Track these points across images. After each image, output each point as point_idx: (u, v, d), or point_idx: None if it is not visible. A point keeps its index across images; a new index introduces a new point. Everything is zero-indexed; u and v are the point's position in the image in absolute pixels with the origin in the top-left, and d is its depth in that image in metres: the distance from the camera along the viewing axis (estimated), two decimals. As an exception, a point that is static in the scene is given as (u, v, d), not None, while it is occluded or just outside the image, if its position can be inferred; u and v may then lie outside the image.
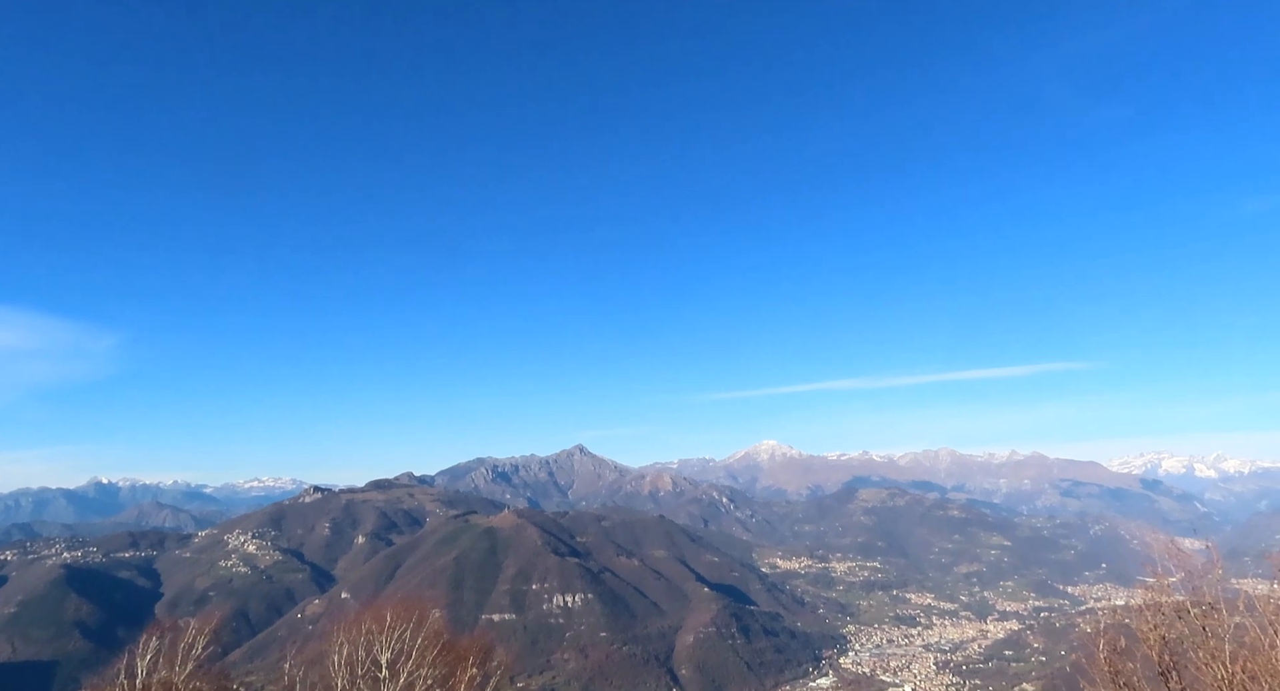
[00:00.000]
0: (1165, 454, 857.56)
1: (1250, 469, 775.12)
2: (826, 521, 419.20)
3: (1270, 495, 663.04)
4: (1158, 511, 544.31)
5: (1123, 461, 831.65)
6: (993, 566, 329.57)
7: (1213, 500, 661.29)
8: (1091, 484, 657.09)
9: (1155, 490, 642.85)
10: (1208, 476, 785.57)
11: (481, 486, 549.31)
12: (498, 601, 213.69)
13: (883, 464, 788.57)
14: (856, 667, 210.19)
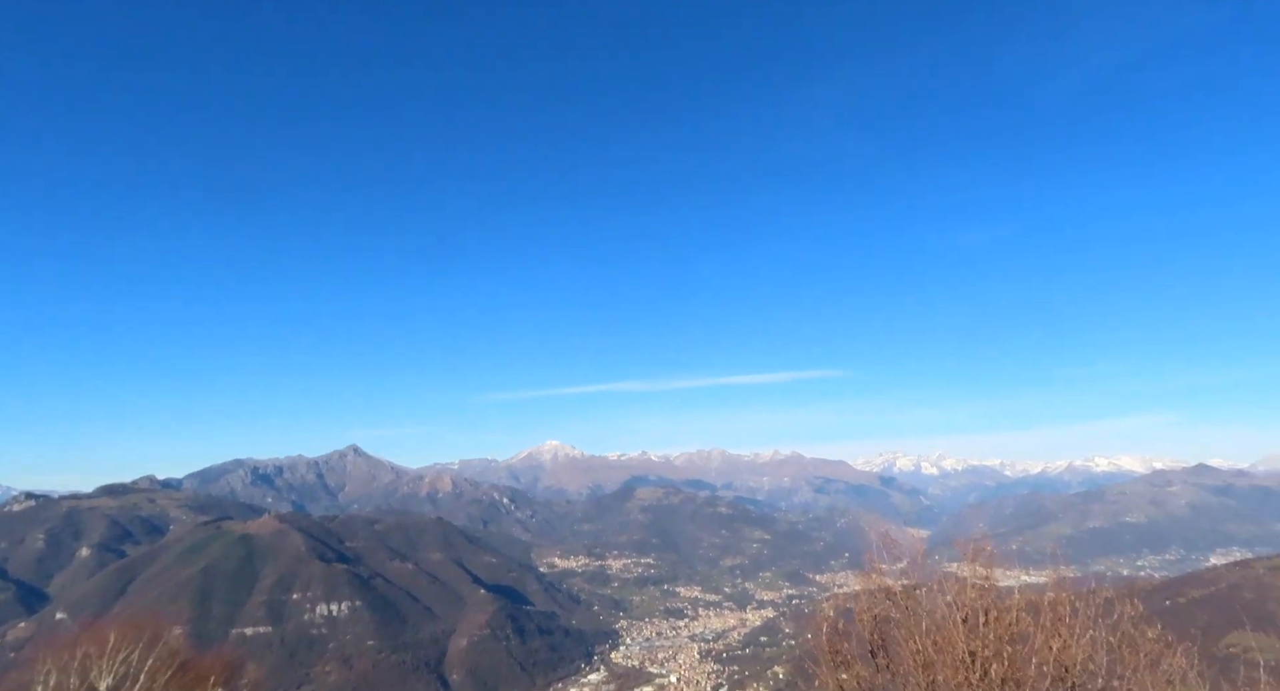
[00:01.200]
0: (899, 454, 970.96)
1: (963, 466, 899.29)
2: (605, 520, 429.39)
3: (978, 489, 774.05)
4: (892, 505, 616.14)
5: (866, 460, 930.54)
6: (754, 559, 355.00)
7: (934, 494, 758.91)
8: (840, 481, 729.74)
9: (890, 486, 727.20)
10: (931, 473, 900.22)
11: (239, 490, 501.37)
12: (252, 614, 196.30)
13: (660, 464, 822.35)
14: (627, 661, 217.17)
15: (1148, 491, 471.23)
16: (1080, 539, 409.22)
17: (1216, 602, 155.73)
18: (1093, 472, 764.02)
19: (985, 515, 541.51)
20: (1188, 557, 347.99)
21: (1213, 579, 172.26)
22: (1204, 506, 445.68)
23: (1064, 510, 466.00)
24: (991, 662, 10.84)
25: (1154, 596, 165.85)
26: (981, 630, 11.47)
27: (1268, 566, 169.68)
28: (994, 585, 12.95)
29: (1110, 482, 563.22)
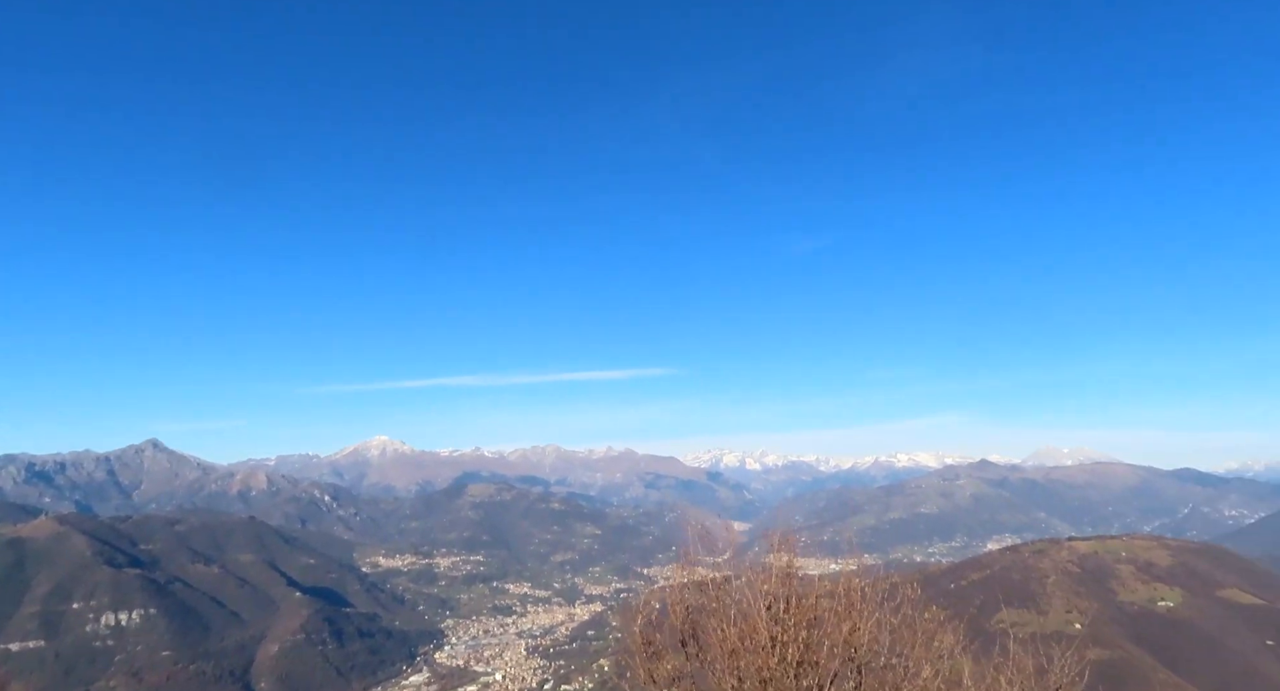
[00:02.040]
0: (726, 450, 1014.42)
1: (784, 462, 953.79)
2: (434, 517, 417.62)
3: (796, 484, 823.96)
4: (718, 499, 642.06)
5: (695, 457, 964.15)
6: (585, 554, 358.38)
7: (756, 489, 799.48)
8: (670, 477, 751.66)
9: (717, 481, 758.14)
10: (754, 469, 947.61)
11: (9, 489, 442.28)
12: (21, 627, 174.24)
13: (494, 460, 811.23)
14: (451, 661, 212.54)
15: (940, 485, 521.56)
16: (882, 529, 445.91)
17: (991, 584, 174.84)
18: (895, 468, 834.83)
19: (801, 508, 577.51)
20: (970, 544, 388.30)
21: (988, 563, 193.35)
22: (984, 498, 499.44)
23: (869, 503, 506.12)
24: (789, 647, 11.67)
25: (941, 580, 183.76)
26: (783, 617, 12.31)
27: (1032, 551, 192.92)
28: (796, 574, 13.90)
29: (909, 477, 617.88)
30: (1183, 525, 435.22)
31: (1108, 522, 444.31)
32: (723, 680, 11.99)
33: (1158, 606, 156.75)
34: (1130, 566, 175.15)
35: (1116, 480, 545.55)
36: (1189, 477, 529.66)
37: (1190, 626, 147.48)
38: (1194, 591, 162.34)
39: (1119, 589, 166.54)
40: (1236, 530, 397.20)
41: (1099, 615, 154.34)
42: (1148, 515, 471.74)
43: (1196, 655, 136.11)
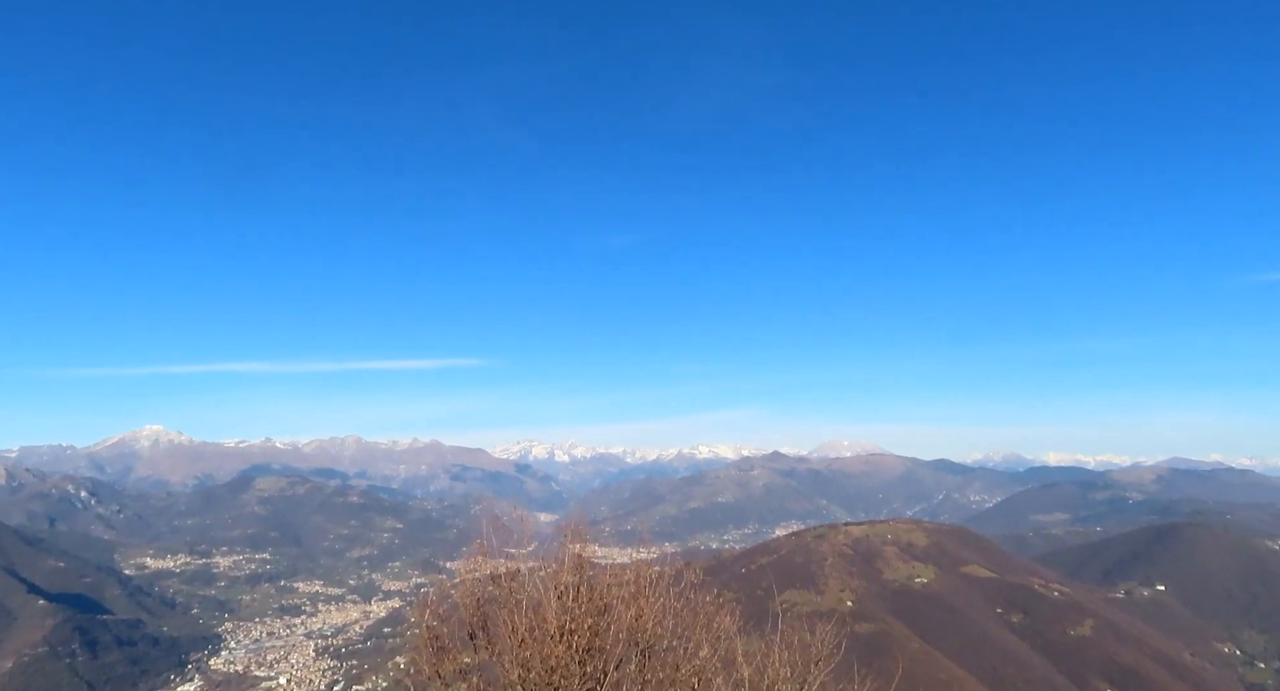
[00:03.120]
0: (536, 442, 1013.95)
1: (592, 454, 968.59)
2: (215, 513, 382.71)
3: (603, 475, 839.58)
4: (526, 491, 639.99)
5: (504, 448, 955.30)
6: (385, 548, 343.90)
7: (565, 480, 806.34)
8: (477, 469, 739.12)
9: (526, 473, 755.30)
10: (563, 460, 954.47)
11: None
12: None
13: (286, 451, 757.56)
14: (229, 667, 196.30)
15: (736, 475, 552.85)
16: (683, 518, 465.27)
17: (777, 567, 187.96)
18: (697, 459, 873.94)
19: (608, 499, 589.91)
20: (761, 530, 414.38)
21: (776, 547, 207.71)
22: (775, 487, 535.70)
23: (672, 493, 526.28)
24: (576, 634, 11.99)
25: (733, 565, 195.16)
26: (572, 605, 12.62)
27: (814, 536, 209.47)
28: (589, 562, 14.29)
29: (709, 468, 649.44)
30: (938, 510, 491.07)
31: (879, 508, 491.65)
32: (510, 670, 12.10)
33: (914, 583, 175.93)
34: (894, 548, 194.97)
35: (887, 470, 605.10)
36: (944, 467, 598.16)
37: (939, 599, 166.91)
38: (944, 568, 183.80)
39: (884, 568, 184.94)
40: (979, 513, 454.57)
41: (867, 592, 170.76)
42: (911, 501, 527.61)
43: (942, 624, 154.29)
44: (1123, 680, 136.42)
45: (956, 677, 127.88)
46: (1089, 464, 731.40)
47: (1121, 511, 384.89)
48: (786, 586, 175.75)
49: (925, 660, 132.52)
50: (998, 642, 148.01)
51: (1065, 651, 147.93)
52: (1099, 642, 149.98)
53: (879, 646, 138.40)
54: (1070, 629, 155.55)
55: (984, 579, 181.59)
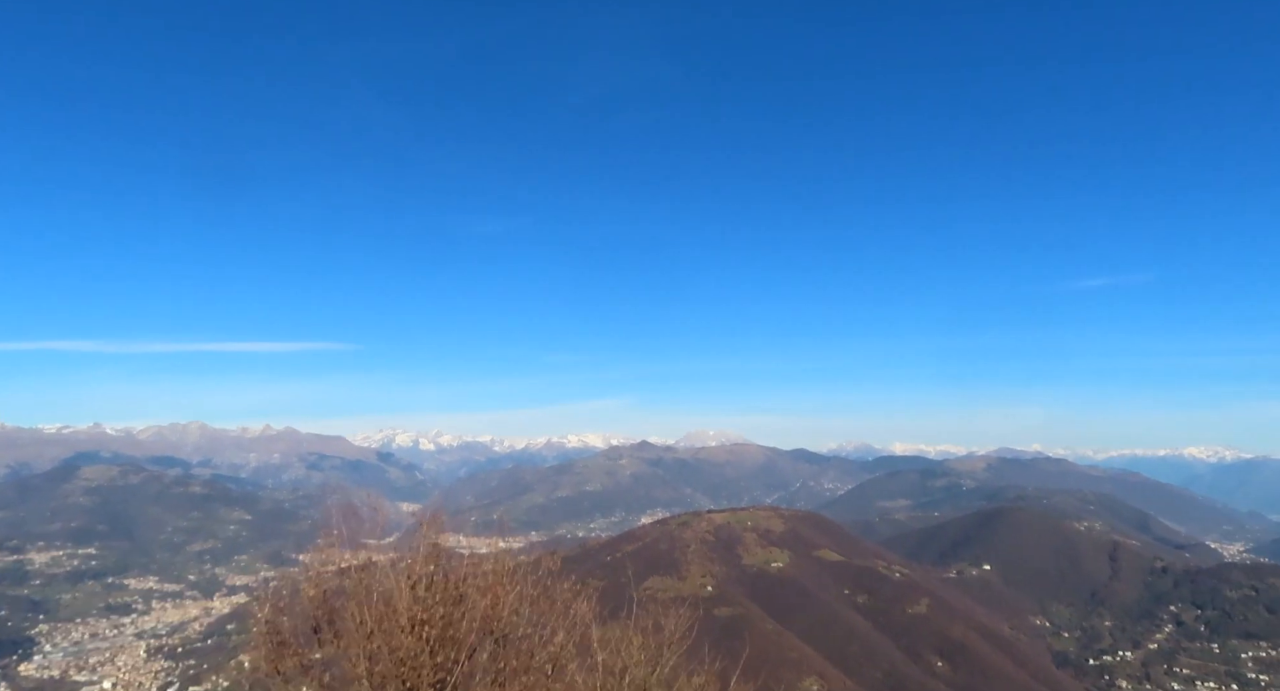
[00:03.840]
0: (400, 430, 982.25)
1: (458, 442, 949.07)
2: (30, 505, 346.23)
3: (469, 464, 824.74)
4: (388, 480, 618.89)
5: (365, 436, 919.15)
6: (230, 542, 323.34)
7: (429, 469, 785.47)
8: (335, 457, 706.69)
9: (388, 462, 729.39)
10: (428, 449, 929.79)
11: None
12: None
13: (119, 438, 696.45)
14: (43, 672, 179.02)
15: (605, 464, 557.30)
16: (550, 506, 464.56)
17: (642, 554, 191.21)
18: (566, 448, 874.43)
19: (474, 488, 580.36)
20: (628, 519, 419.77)
21: (641, 535, 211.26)
22: (643, 476, 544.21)
23: (540, 482, 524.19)
24: (428, 625, 11.73)
25: (599, 553, 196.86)
26: (424, 595, 12.32)
27: (678, 523, 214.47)
28: (445, 552, 13.99)
29: (579, 457, 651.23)
30: (795, 497, 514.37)
31: (741, 496, 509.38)
32: (357, 663, 11.68)
33: (771, 567, 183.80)
34: (754, 534, 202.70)
35: (749, 459, 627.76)
36: (802, 456, 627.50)
37: (793, 582, 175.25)
38: (798, 553, 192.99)
39: (744, 553, 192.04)
40: (832, 500, 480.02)
41: (726, 577, 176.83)
42: (770, 489, 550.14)
43: (795, 606, 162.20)
44: (952, 653, 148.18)
45: (806, 656, 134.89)
46: (930, 453, 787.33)
47: (957, 497, 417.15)
48: (650, 573, 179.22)
49: (778, 640, 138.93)
50: (844, 622, 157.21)
51: (904, 628, 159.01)
52: (933, 619, 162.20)
53: (735, 628, 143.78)
54: (909, 607, 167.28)
55: (834, 562, 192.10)
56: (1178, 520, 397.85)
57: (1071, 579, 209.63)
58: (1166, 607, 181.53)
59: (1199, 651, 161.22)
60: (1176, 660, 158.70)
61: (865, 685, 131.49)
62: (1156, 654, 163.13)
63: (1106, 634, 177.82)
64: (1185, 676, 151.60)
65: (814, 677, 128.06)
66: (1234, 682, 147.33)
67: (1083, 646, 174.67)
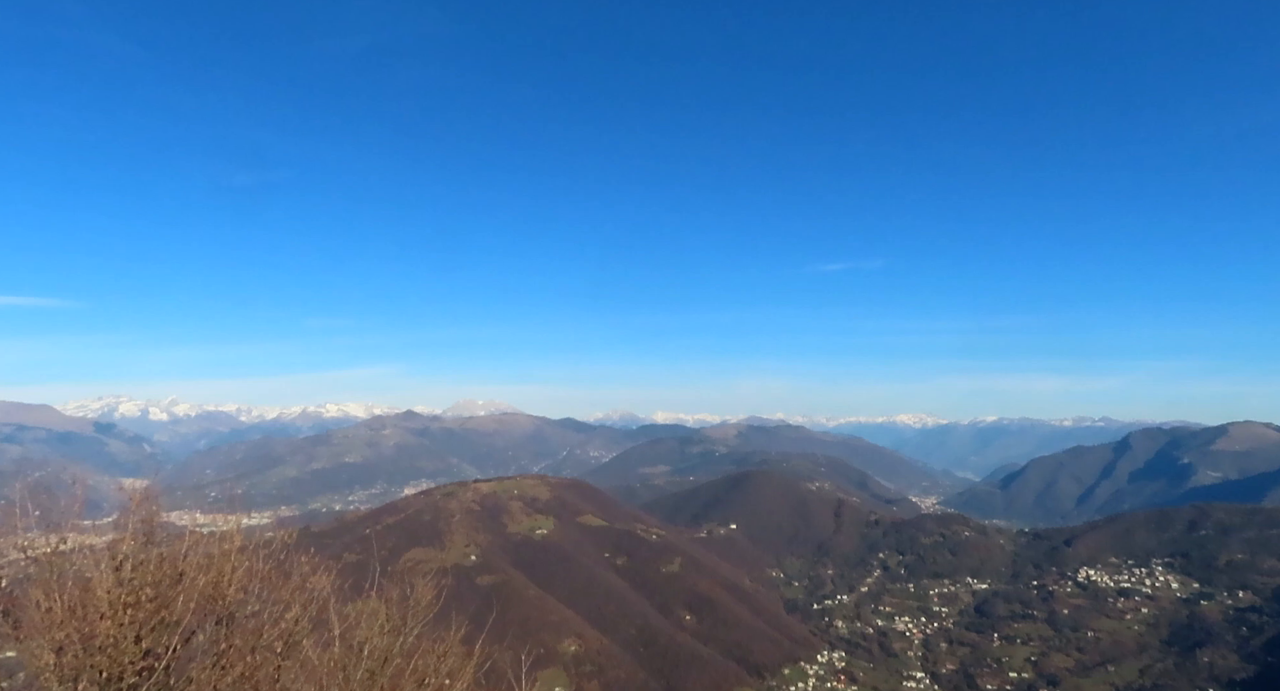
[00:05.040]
0: (124, 398, 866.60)
1: (197, 412, 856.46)
2: None
3: (210, 435, 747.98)
4: (108, 454, 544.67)
5: (79, 405, 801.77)
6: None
7: (161, 441, 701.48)
8: (40, 428, 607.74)
9: (108, 433, 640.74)
10: (160, 419, 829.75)
11: None
12: None
13: None
14: None
15: (366, 434, 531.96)
16: (305, 479, 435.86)
17: (404, 526, 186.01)
18: (324, 418, 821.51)
19: (215, 461, 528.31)
20: (390, 490, 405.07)
21: (404, 507, 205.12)
22: (407, 446, 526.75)
23: (293, 453, 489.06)
24: (133, 608, 10.71)
25: (358, 526, 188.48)
26: (131, 577, 11.21)
27: (443, 494, 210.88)
28: (161, 530, 12.78)
29: (337, 427, 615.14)
30: (561, 465, 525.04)
31: (508, 465, 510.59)
32: (40, 655, 10.39)
33: (535, 534, 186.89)
34: (520, 502, 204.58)
35: (518, 428, 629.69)
36: (570, 426, 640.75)
37: (557, 548, 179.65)
38: (562, 519, 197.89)
39: (509, 522, 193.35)
40: (597, 468, 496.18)
41: (491, 546, 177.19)
42: (538, 457, 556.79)
43: (558, 571, 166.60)
44: (699, 606, 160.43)
45: (566, 619, 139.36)
46: (689, 421, 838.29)
47: (711, 462, 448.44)
48: (413, 545, 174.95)
49: (540, 605, 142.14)
50: (604, 584, 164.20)
51: (658, 586, 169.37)
52: (684, 576, 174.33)
53: (501, 596, 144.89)
54: (663, 566, 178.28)
55: (596, 527, 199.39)
56: (889, 478, 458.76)
57: (804, 533, 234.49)
58: (876, 555, 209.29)
59: (899, 590, 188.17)
60: (881, 599, 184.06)
61: (620, 641, 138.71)
62: (866, 595, 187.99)
63: (829, 581, 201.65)
64: (887, 613, 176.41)
65: (573, 638, 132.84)
66: (922, 615, 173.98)
67: (809, 592, 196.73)
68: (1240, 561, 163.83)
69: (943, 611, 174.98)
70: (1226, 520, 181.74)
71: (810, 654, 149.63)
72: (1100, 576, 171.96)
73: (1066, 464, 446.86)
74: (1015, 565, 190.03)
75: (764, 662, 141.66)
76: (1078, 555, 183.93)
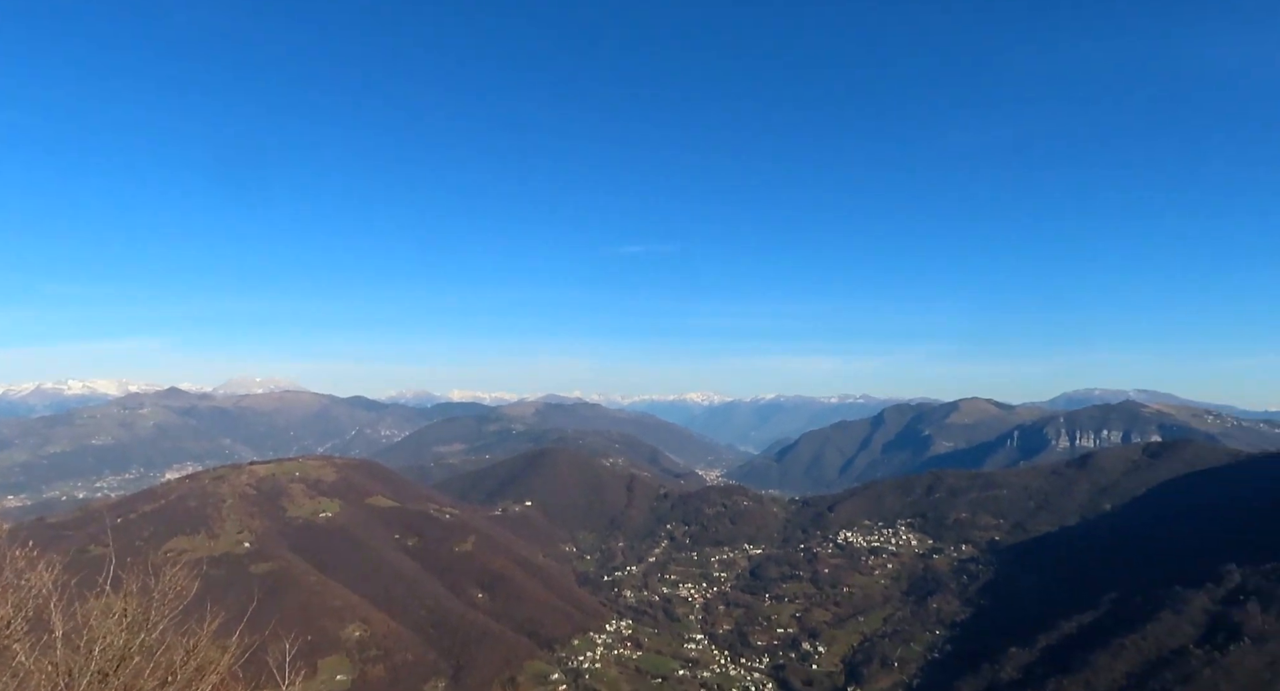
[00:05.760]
0: None
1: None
2: None
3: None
4: None
5: None
6: None
7: None
8: None
9: None
10: None
11: None
12: None
13: None
14: None
15: (119, 414, 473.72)
16: (38, 465, 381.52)
17: (165, 513, 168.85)
18: (65, 396, 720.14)
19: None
20: (147, 475, 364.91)
21: (165, 493, 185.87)
22: (170, 426, 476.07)
23: (23, 436, 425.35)
24: None
25: (107, 514, 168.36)
26: None
27: (212, 477, 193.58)
28: None
29: (82, 406, 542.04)
30: (350, 445, 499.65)
31: (290, 446, 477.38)
32: None
33: (319, 518, 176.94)
34: (302, 485, 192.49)
35: (301, 407, 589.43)
36: (360, 404, 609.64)
37: (343, 531, 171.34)
38: (349, 501, 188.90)
39: (289, 505, 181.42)
40: (389, 447, 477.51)
41: (268, 532, 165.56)
42: (324, 437, 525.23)
43: (344, 555, 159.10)
44: (492, 584, 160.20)
45: (350, 604, 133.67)
46: (486, 399, 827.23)
47: (508, 440, 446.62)
48: (175, 533, 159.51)
49: (321, 591, 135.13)
50: (393, 566, 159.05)
51: (450, 565, 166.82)
52: (478, 555, 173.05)
53: (278, 584, 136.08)
54: (456, 546, 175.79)
55: (387, 508, 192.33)
56: (679, 453, 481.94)
57: (597, 508, 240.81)
58: (664, 526, 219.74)
59: (683, 559, 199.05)
60: (668, 568, 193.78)
61: (409, 623, 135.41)
62: (654, 565, 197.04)
63: (619, 553, 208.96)
64: (672, 581, 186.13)
65: (357, 623, 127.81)
66: (704, 581, 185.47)
67: (600, 565, 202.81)
68: (964, 519, 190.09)
69: (722, 576, 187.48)
70: (955, 484, 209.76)
71: (600, 624, 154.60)
72: (856, 537, 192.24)
73: (832, 437, 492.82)
74: (786, 531, 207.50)
75: (555, 635, 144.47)
76: (838, 519, 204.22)
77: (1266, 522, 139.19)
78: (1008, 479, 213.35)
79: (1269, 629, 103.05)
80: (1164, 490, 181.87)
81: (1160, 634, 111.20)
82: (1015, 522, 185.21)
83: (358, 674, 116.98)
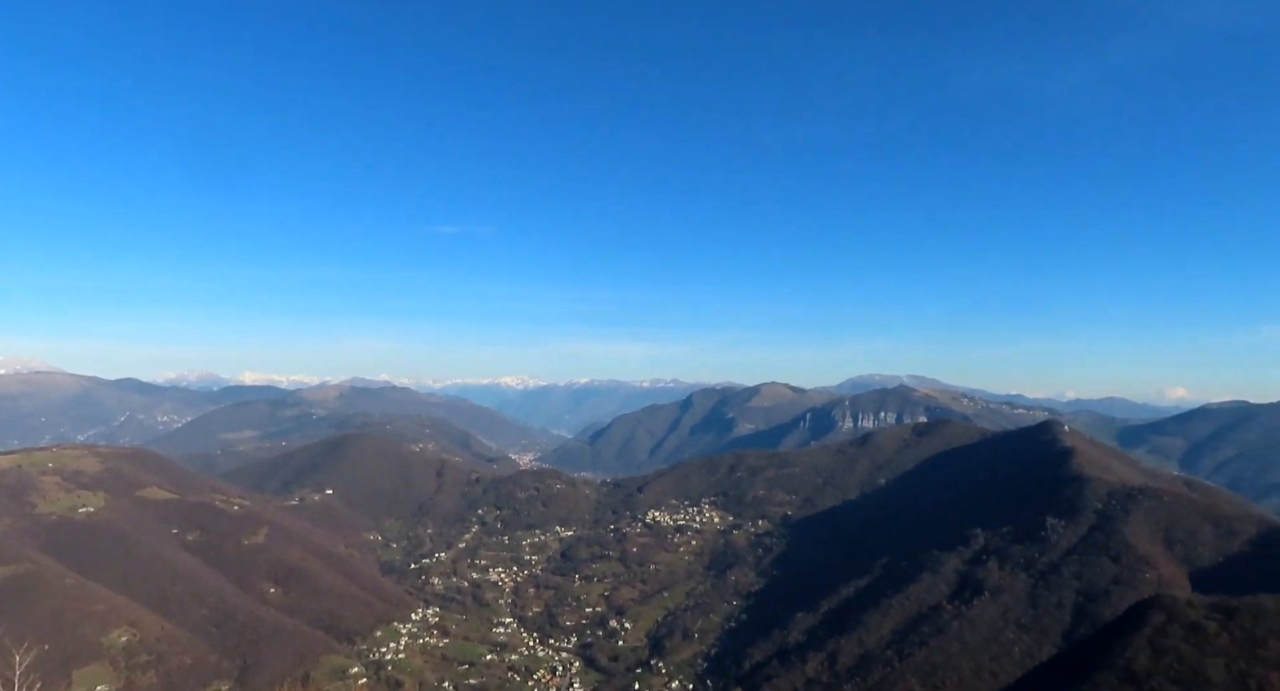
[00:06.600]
0: None
1: None
2: None
3: None
4: None
5: None
6: None
7: None
8: None
9: None
10: None
11: None
12: None
13: None
14: None
15: None
16: None
17: None
18: None
19: None
20: None
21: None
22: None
23: None
24: None
25: None
26: None
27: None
28: None
29: None
30: (119, 432, 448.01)
31: (42, 434, 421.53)
32: None
33: (79, 513, 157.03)
34: (56, 477, 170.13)
35: (57, 390, 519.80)
36: (131, 387, 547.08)
37: (109, 527, 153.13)
38: (117, 494, 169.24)
39: (39, 501, 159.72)
40: (167, 434, 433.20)
41: (11, 530, 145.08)
42: (86, 424, 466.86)
43: (110, 553, 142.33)
44: (286, 577, 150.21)
45: (116, 607, 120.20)
46: (283, 383, 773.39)
47: (307, 426, 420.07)
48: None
49: (79, 594, 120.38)
50: (170, 563, 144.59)
51: (239, 560, 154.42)
52: (270, 547, 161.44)
53: (24, 589, 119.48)
54: (246, 539, 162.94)
55: (163, 500, 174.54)
56: (492, 437, 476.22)
57: (405, 495, 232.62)
58: (476, 511, 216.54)
59: (495, 544, 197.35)
60: (478, 554, 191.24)
61: (188, 624, 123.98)
62: (464, 551, 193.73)
63: (428, 540, 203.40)
64: (482, 566, 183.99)
65: (124, 627, 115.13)
66: (515, 565, 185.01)
67: (407, 553, 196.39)
68: (762, 496, 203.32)
69: (533, 559, 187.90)
70: (754, 463, 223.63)
71: (405, 613, 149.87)
72: (663, 516, 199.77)
73: (643, 420, 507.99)
74: (597, 512, 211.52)
75: (355, 627, 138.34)
76: (647, 499, 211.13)
77: (1005, 491, 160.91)
78: (800, 458, 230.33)
79: (1004, 583, 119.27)
80: (927, 465, 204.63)
81: (920, 593, 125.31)
82: (806, 498, 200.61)
83: (124, 682, 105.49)
